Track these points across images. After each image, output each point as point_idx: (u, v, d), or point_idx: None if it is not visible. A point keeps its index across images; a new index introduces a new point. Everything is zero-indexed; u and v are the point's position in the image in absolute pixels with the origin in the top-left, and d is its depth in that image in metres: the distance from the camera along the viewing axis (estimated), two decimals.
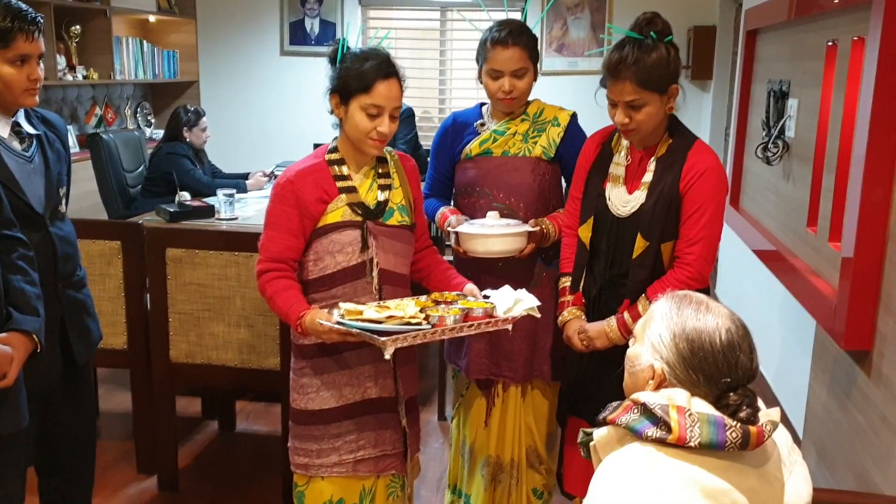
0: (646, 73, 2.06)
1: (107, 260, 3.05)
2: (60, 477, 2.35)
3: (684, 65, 6.23)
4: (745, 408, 1.31)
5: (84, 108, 5.83)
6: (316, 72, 6.88)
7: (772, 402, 3.64)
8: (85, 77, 5.44)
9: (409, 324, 1.88)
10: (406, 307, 1.93)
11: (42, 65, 2.10)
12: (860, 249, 2.25)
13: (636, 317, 2.11)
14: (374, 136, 2.07)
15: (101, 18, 5.56)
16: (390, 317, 1.87)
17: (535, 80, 2.55)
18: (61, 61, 5.20)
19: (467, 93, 6.58)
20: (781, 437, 1.42)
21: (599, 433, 1.36)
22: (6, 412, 1.86)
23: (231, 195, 4.09)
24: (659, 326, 1.38)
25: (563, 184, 2.65)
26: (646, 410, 1.29)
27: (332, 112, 2.13)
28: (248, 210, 4.24)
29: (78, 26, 5.42)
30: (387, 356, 1.85)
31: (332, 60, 2.11)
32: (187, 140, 4.86)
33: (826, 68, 3.02)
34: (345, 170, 2.13)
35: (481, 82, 2.54)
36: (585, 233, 2.30)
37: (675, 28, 2.21)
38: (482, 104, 2.66)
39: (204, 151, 5.07)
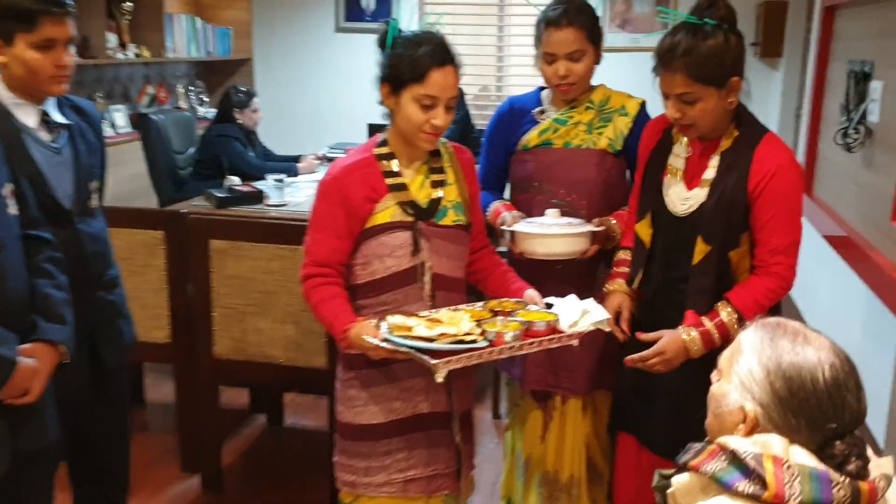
0: (700, 65, 1.85)
1: (149, 250, 2.93)
2: (94, 486, 2.24)
3: (753, 41, 5.89)
4: (853, 459, 1.13)
5: (136, 86, 5.75)
6: (372, 49, 6.69)
7: None
8: (137, 55, 5.34)
9: (462, 341, 1.69)
10: (460, 321, 1.74)
11: (73, 50, 1.96)
12: None
13: (722, 328, 1.91)
14: (428, 130, 1.89)
15: None
16: (442, 334, 1.68)
17: (597, 62, 2.32)
18: (112, 39, 5.10)
19: (525, 80, 6.30)
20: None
21: (680, 480, 1.19)
22: (32, 428, 1.73)
23: (281, 180, 3.94)
24: (749, 361, 1.20)
25: (629, 178, 2.42)
26: (735, 459, 1.13)
27: (381, 102, 1.95)
28: (298, 195, 4.09)
29: (130, 3, 5.32)
30: (439, 379, 1.66)
31: (382, 44, 1.92)
32: (238, 121, 4.73)
33: None
34: (395, 165, 1.96)
35: (538, 67, 2.32)
36: (644, 229, 2.10)
37: (743, 2, 2.00)
38: (542, 88, 2.44)
39: (255, 133, 4.94)
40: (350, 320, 1.86)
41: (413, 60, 1.84)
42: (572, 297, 1.97)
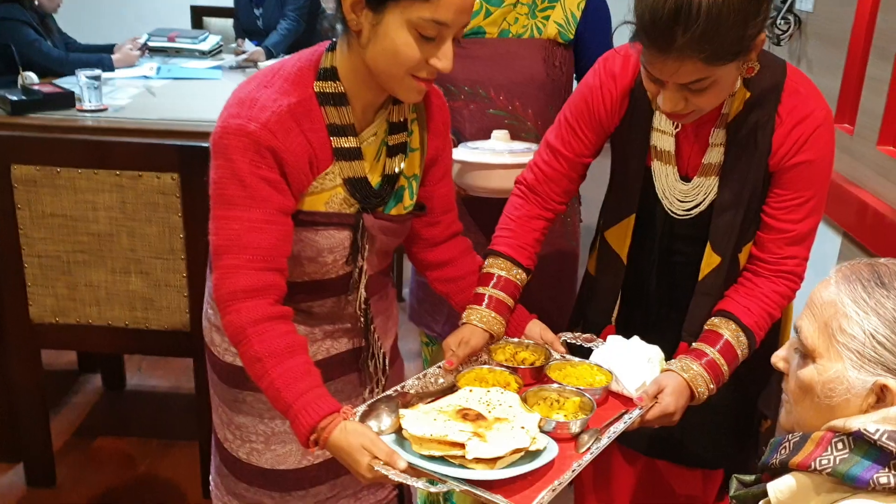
0: (723, 44, 1.15)
1: None
2: None
3: None
4: None
5: None
6: None
7: None
8: None
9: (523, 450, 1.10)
10: (511, 407, 1.18)
11: None
12: None
13: (728, 353, 1.36)
14: (424, 75, 1.20)
15: None
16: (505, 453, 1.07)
17: None
18: None
19: None
20: None
21: (781, 486, 0.96)
22: None
23: (97, 77, 3.09)
24: (865, 324, 0.95)
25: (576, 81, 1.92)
26: (863, 443, 0.91)
27: (337, 12, 1.21)
28: (119, 97, 3.27)
29: None
30: None
31: None
32: (34, 2, 3.76)
33: None
34: (346, 115, 1.26)
35: None
36: (620, 240, 1.49)
37: None
38: None
39: (52, 17, 3.97)
40: (328, 409, 1.15)
41: None
42: (615, 340, 1.42)
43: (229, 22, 4.93)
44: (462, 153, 1.72)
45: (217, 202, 1.21)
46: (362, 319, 1.41)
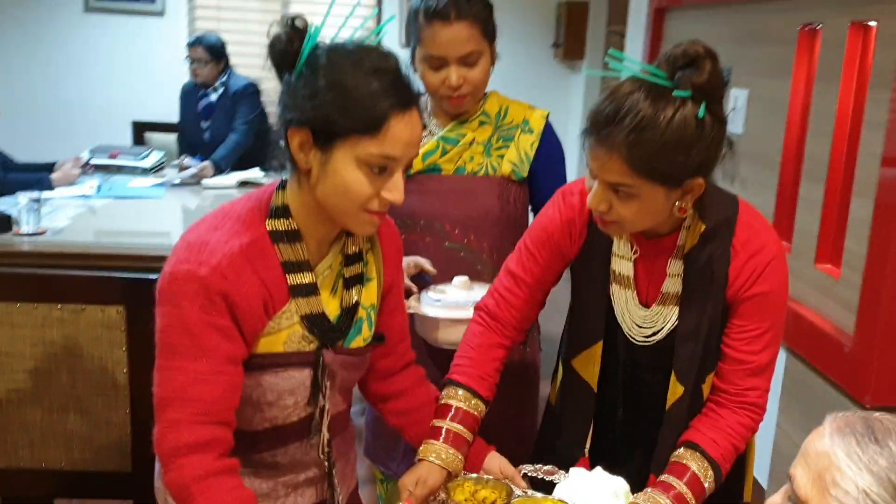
0: (649, 155, 1.22)
1: None
2: None
3: (553, 42, 5.74)
4: None
5: None
6: (130, 32, 5.82)
7: None
8: None
9: None
10: None
11: None
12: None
13: (695, 485, 1.35)
14: (375, 208, 1.21)
15: None
16: None
17: (492, 63, 1.84)
18: None
19: None
20: None
21: None
22: None
23: (37, 199, 3.02)
24: (857, 478, 0.93)
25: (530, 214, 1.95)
26: None
27: (286, 152, 1.22)
28: (58, 218, 3.20)
29: None
30: None
31: (284, 63, 1.20)
32: None
33: (798, 56, 2.58)
34: (301, 251, 1.25)
35: (415, 70, 1.79)
36: (590, 368, 1.48)
37: (544, 3, 1.44)
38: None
39: None
40: None
41: (361, 100, 1.15)
42: (578, 472, 1.40)
43: (172, 137, 4.91)
44: (425, 307, 1.71)
45: (162, 351, 1.17)
46: (326, 464, 1.35)
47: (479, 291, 1.70)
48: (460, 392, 1.44)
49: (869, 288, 2.03)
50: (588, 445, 1.52)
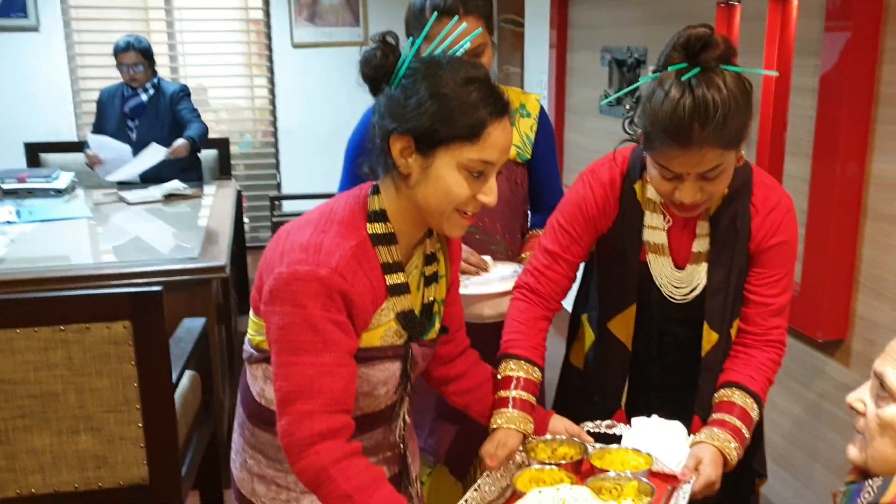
0: (732, 128, 1.35)
1: None
2: None
3: None
4: None
5: None
6: (6, 50, 5.52)
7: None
8: None
9: None
10: (587, 501, 1.28)
11: None
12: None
13: (745, 417, 1.51)
14: (471, 209, 1.30)
15: None
16: None
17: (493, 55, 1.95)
18: None
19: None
20: None
21: None
22: None
23: None
24: None
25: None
26: None
27: (382, 158, 1.30)
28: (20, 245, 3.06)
29: None
30: None
31: (379, 75, 1.28)
32: None
33: (717, 31, 2.82)
34: (395, 253, 1.33)
35: None
36: (625, 329, 1.65)
37: None
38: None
39: None
40: None
41: (463, 109, 1.22)
42: (639, 422, 1.55)
43: (68, 157, 4.67)
44: (468, 287, 1.80)
45: (284, 348, 1.23)
46: (402, 445, 1.45)
47: (504, 268, 1.81)
48: (520, 363, 1.57)
49: (812, 239, 2.27)
50: (624, 400, 1.67)
